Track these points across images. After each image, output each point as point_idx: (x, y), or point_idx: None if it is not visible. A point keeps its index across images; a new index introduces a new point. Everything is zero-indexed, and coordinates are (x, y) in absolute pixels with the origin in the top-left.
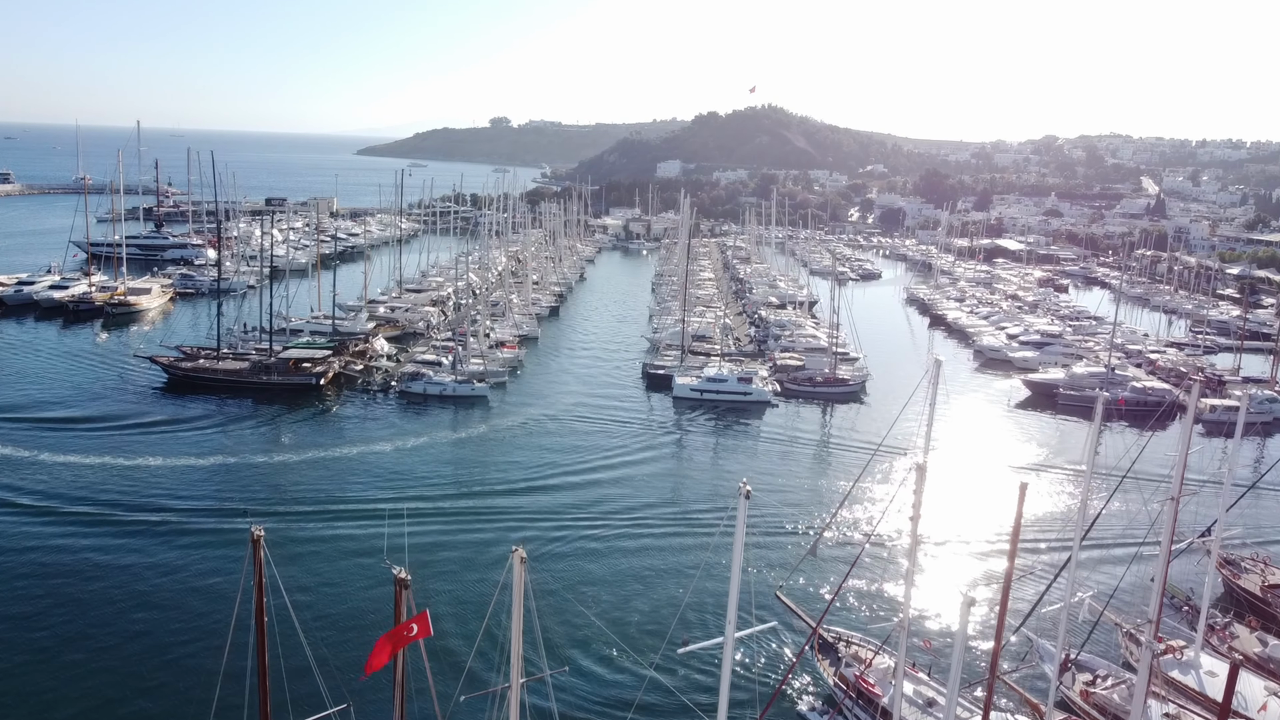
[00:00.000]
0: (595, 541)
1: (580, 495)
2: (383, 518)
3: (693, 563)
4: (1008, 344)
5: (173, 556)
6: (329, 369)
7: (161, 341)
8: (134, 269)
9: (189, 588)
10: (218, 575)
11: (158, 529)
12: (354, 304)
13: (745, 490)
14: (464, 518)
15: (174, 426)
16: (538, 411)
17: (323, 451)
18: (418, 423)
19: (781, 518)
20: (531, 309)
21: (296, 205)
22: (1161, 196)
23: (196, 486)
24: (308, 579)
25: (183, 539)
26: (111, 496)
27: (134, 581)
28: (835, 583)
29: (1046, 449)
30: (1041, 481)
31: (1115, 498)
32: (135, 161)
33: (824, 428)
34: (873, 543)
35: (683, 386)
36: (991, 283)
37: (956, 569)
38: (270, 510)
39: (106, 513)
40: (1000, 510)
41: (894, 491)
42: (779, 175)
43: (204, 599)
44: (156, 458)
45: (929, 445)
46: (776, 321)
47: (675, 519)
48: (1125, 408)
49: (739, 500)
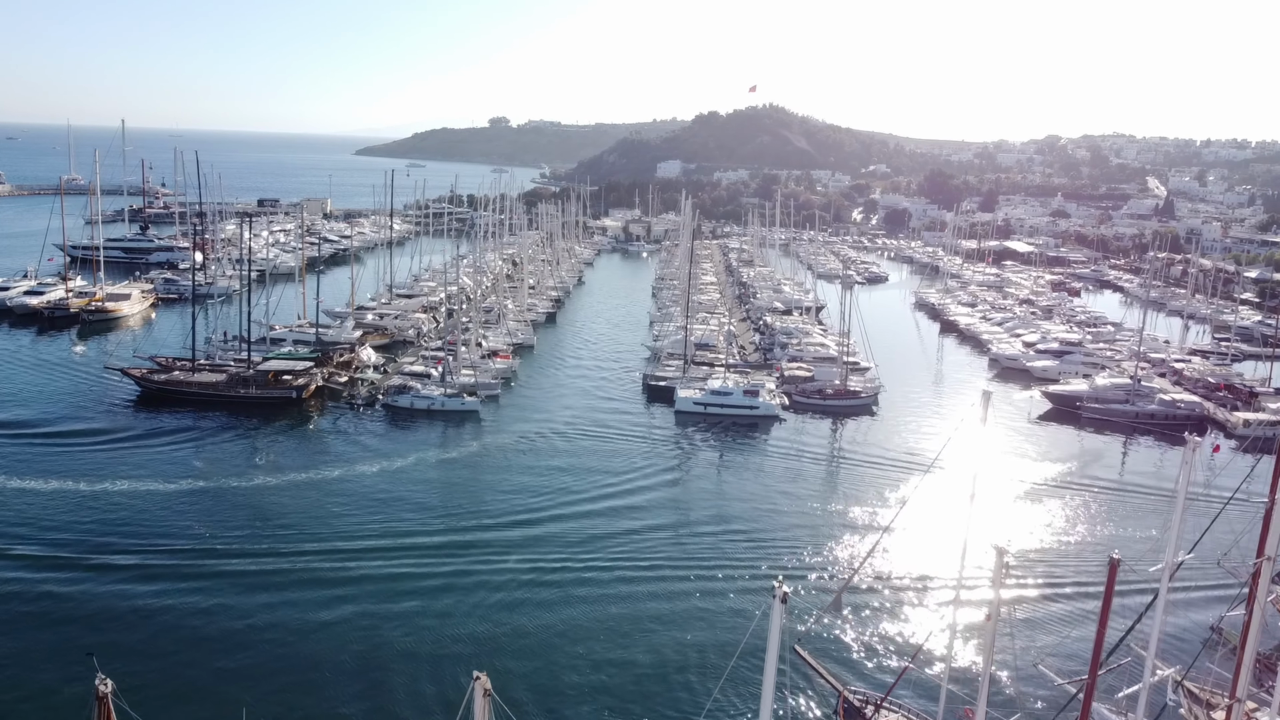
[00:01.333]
0: (588, 586)
1: (572, 528)
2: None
3: (699, 610)
4: (1024, 352)
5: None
6: (311, 382)
7: (135, 351)
8: (118, 273)
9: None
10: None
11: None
12: (341, 310)
13: (781, 593)
14: (442, 558)
15: (138, 444)
16: (531, 428)
17: (297, 475)
18: (402, 442)
19: (795, 549)
20: (527, 315)
21: (288, 206)
22: (1170, 197)
23: (146, 523)
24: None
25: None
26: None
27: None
28: (862, 632)
29: (1074, 467)
30: (1073, 504)
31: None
32: (121, 162)
33: (837, 444)
34: (907, 587)
35: (685, 400)
36: (1002, 286)
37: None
38: (214, 562)
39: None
40: (1038, 543)
41: (932, 527)
42: (781, 175)
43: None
44: (105, 482)
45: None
46: (783, 329)
47: (680, 560)
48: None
49: (774, 605)
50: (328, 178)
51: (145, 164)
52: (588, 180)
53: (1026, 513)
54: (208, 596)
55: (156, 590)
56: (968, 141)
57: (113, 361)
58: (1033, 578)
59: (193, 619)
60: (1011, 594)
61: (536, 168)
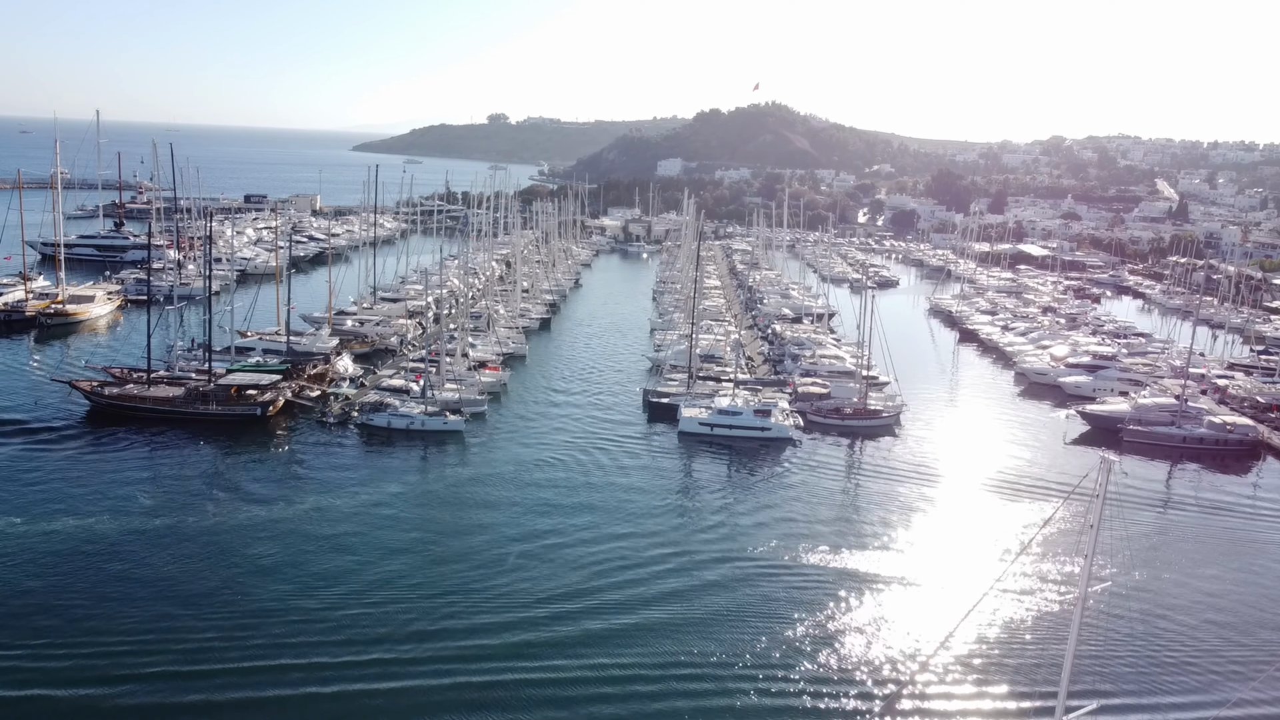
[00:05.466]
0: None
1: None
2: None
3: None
4: (1055, 366)
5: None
6: (278, 397)
7: (86, 361)
8: (91, 272)
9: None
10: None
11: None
12: (318, 316)
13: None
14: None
15: (72, 472)
16: (520, 454)
17: (246, 513)
18: (374, 469)
19: (825, 614)
20: (519, 321)
21: (276, 203)
22: (1184, 200)
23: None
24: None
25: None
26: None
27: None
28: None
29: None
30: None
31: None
32: (96, 155)
33: (860, 475)
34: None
35: (690, 420)
36: (1020, 292)
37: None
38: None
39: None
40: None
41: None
42: (784, 175)
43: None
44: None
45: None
46: (794, 339)
47: (684, 619)
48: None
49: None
50: (318, 173)
51: (121, 157)
52: (586, 178)
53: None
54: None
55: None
56: (972, 142)
57: (59, 373)
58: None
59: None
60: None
61: (535, 165)
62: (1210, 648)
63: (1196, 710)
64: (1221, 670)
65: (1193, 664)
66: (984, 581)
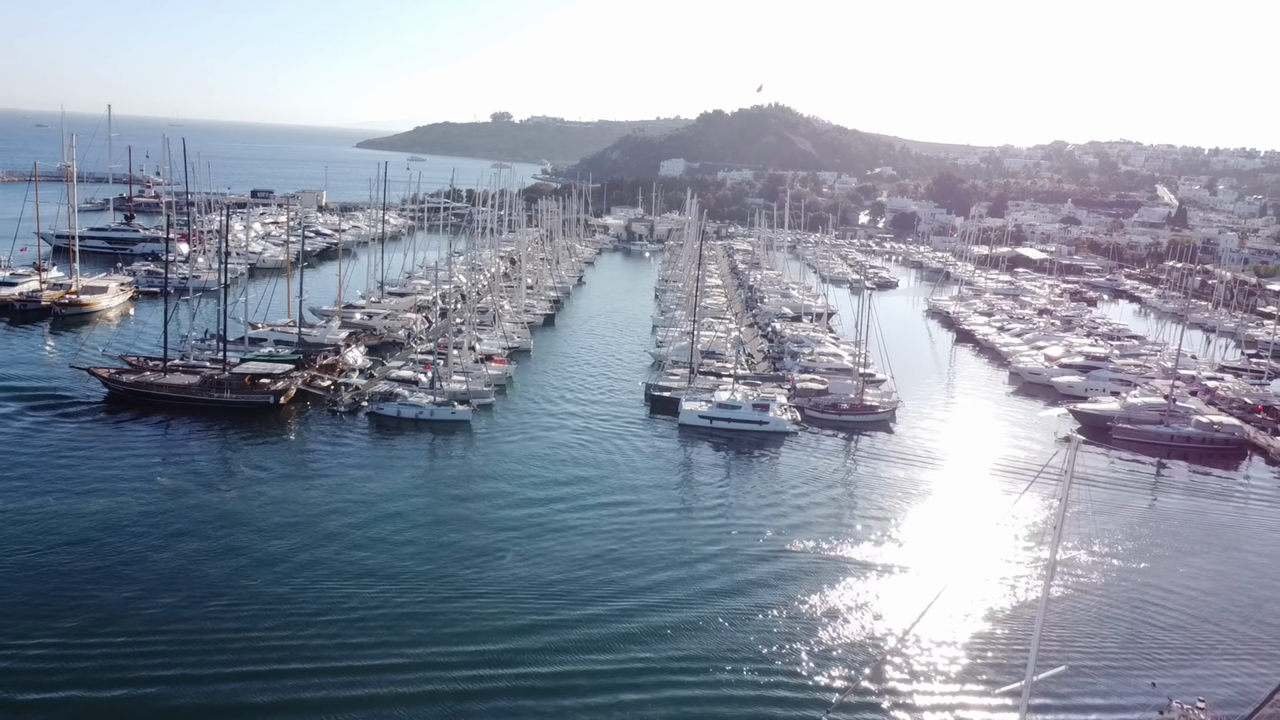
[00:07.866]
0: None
1: (563, 574)
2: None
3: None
4: (1048, 367)
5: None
6: (290, 386)
7: (104, 349)
8: (101, 264)
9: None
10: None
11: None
12: (328, 309)
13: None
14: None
15: (94, 454)
16: (525, 443)
17: (255, 500)
18: (384, 455)
19: (818, 598)
20: (524, 317)
21: (282, 198)
22: (1183, 206)
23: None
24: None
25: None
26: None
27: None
28: (900, 693)
29: (1120, 499)
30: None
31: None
32: (108, 149)
33: (854, 465)
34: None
35: (690, 413)
36: (1017, 295)
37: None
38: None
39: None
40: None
41: (988, 580)
42: (786, 176)
43: None
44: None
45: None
46: (793, 337)
47: (684, 601)
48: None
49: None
50: (323, 169)
51: (131, 151)
52: (590, 177)
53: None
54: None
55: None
56: (974, 145)
57: (79, 360)
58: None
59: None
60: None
61: (538, 164)
62: (1180, 621)
63: (1162, 674)
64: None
65: (1165, 636)
66: (964, 563)
